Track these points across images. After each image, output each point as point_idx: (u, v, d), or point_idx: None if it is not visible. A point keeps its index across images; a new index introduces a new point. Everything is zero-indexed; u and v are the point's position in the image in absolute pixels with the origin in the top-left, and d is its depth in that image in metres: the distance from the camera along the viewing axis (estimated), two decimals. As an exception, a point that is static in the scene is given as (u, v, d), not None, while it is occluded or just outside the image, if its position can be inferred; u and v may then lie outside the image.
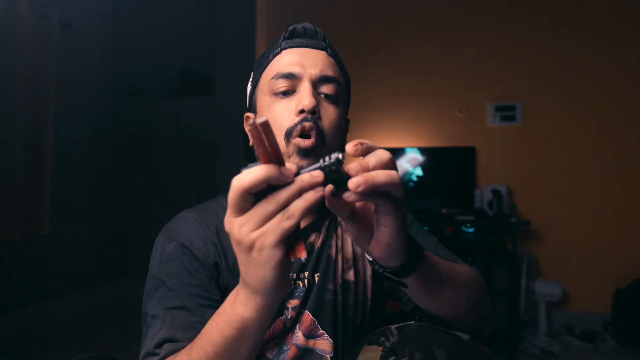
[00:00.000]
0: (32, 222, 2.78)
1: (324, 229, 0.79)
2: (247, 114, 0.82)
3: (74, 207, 3.25)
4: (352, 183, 0.43)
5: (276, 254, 0.43)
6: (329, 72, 0.74)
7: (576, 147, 2.95)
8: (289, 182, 0.42)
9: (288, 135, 0.70)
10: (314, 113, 0.70)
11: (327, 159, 0.43)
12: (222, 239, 0.75)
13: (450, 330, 0.63)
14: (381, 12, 3.27)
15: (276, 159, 0.41)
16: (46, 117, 2.86)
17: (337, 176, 0.43)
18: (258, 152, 0.41)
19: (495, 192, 2.70)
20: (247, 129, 0.40)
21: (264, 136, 0.40)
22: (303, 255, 0.44)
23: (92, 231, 3.44)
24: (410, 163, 3.01)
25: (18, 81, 2.65)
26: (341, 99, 0.76)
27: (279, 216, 0.42)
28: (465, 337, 0.63)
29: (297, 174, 0.43)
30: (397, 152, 3.03)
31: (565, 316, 2.88)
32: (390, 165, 0.46)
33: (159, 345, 0.65)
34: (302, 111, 0.70)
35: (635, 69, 2.88)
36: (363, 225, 0.51)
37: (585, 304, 2.88)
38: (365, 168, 0.44)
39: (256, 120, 0.39)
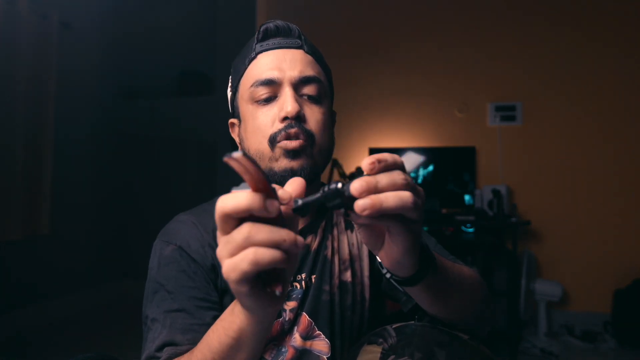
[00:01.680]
0: (32, 222, 2.79)
1: (320, 231, 0.79)
2: (232, 120, 0.81)
3: (74, 207, 3.25)
4: (358, 206, 0.40)
5: (242, 289, 0.41)
6: (309, 72, 0.72)
7: (576, 147, 2.95)
8: (276, 217, 0.39)
9: (272, 141, 0.70)
10: (298, 118, 0.69)
11: (326, 189, 0.41)
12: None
13: (450, 330, 0.63)
14: (381, 12, 3.27)
15: (264, 188, 0.39)
16: (46, 117, 2.86)
17: (340, 202, 0.42)
18: (245, 179, 0.39)
19: (495, 192, 2.70)
20: (225, 159, 0.37)
21: (246, 168, 0.37)
22: (277, 290, 0.41)
23: (92, 231, 3.44)
24: (408, 164, 3.01)
25: (18, 81, 2.65)
26: (324, 96, 0.75)
27: (241, 255, 0.38)
28: (465, 336, 0.63)
29: (296, 203, 0.41)
30: (397, 152, 3.03)
31: (565, 316, 2.88)
32: (404, 187, 0.42)
33: (160, 348, 0.65)
34: (285, 118, 0.69)
35: (635, 69, 2.87)
36: (374, 232, 0.49)
37: (585, 304, 2.88)
38: (372, 188, 0.41)
39: (233, 155, 0.36)
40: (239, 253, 0.39)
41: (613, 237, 2.86)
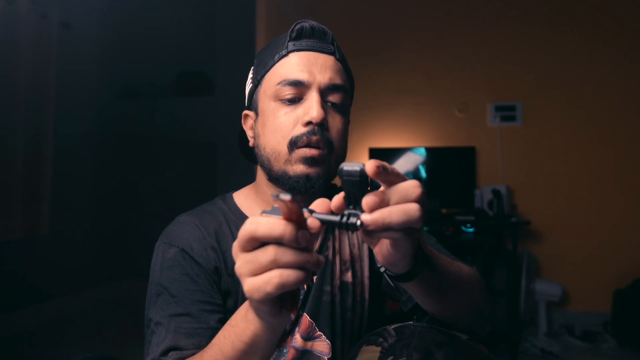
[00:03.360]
0: (32, 222, 2.79)
1: (322, 232, 0.79)
2: (246, 111, 0.81)
3: (73, 207, 3.25)
4: (364, 219, 0.40)
5: (263, 308, 0.43)
6: (338, 80, 0.72)
7: (576, 147, 2.95)
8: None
9: (292, 144, 0.69)
10: (321, 125, 0.69)
11: (345, 218, 0.41)
12: (221, 243, 0.74)
13: (449, 330, 0.63)
14: (381, 12, 3.27)
15: (297, 219, 0.40)
16: (46, 117, 2.86)
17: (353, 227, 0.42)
18: (282, 211, 0.40)
19: (495, 192, 2.70)
20: (272, 197, 0.38)
21: (290, 209, 0.39)
22: (293, 314, 0.44)
23: (92, 231, 3.44)
24: (408, 163, 3.01)
25: (18, 81, 2.65)
26: (347, 105, 0.75)
27: (266, 277, 0.40)
28: (464, 337, 0.63)
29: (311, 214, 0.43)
30: (397, 152, 3.03)
31: (565, 316, 2.88)
32: (415, 199, 0.42)
33: (165, 353, 0.65)
34: (309, 123, 0.69)
35: (635, 68, 2.87)
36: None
37: (585, 304, 2.88)
38: (383, 205, 0.40)
39: (281, 197, 0.37)
40: (262, 274, 0.40)
41: (613, 237, 2.86)
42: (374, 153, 3.05)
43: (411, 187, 0.42)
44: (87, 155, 3.40)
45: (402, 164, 3.01)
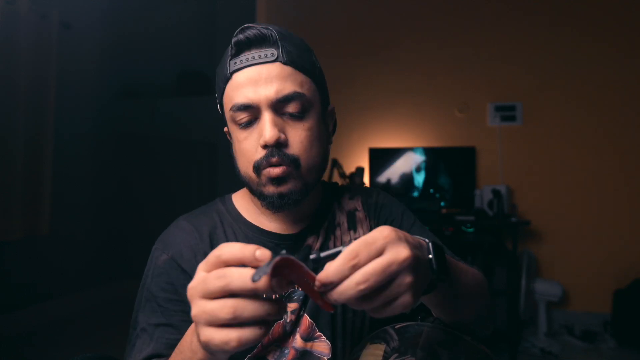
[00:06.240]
0: (32, 222, 2.79)
1: (322, 232, 0.79)
2: (226, 128, 0.79)
3: (73, 207, 3.25)
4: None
5: (204, 334, 0.42)
6: (287, 90, 0.66)
7: (576, 147, 2.95)
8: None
9: (256, 168, 0.68)
10: (278, 145, 0.66)
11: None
12: (214, 246, 0.74)
13: (453, 330, 0.63)
14: (381, 12, 3.27)
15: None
16: (46, 117, 2.86)
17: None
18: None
19: (495, 192, 2.70)
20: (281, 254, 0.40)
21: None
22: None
23: (91, 231, 3.44)
24: (409, 164, 3.01)
25: (18, 81, 2.65)
26: (309, 108, 0.69)
27: (225, 335, 0.40)
28: (467, 337, 0.63)
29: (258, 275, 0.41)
30: (397, 152, 3.03)
31: (565, 316, 2.88)
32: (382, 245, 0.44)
33: None
34: (265, 145, 0.66)
35: (635, 68, 2.87)
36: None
37: (585, 304, 2.88)
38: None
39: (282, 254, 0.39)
40: (222, 328, 0.41)
41: (613, 237, 2.86)
42: (374, 153, 3.05)
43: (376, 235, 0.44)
44: (87, 155, 3.40)
45: (402, 164, 3.01)
